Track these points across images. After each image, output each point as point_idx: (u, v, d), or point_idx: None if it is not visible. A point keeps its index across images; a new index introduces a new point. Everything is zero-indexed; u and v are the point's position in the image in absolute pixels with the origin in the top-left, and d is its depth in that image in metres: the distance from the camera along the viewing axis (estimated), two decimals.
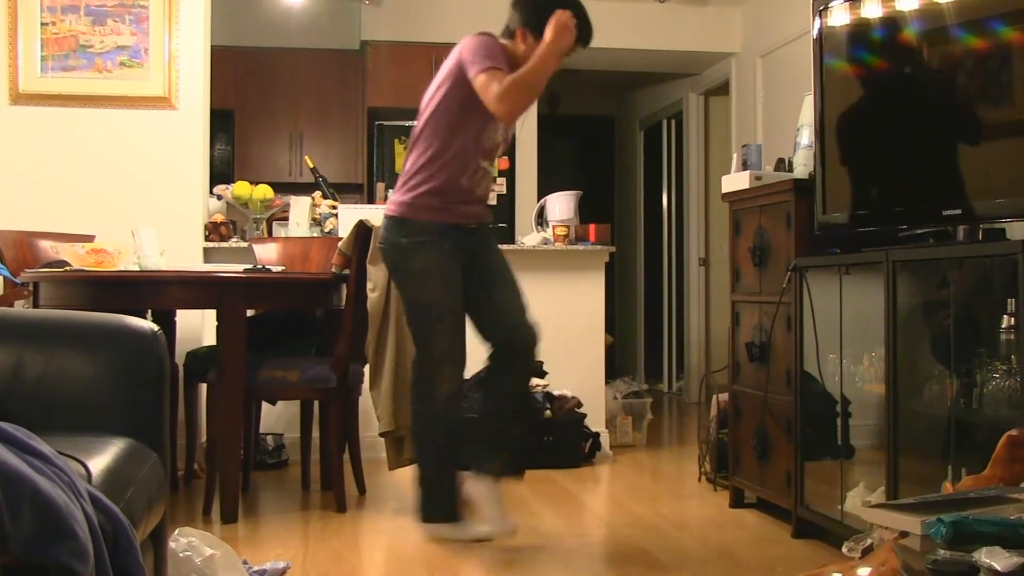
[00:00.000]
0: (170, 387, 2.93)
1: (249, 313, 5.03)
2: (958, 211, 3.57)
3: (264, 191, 6.40)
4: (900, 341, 3.75)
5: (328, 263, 5.30)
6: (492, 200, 4.60)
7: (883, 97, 4.11)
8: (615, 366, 9.91)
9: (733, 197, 5.06)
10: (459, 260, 4.42)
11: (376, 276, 4.86)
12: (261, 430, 5.90)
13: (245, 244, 6.14)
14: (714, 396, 5.60)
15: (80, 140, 6.17)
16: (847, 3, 4.19)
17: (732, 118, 9.08)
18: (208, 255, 6.24)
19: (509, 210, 8.31)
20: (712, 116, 10.11)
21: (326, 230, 6.31)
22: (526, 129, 8.75)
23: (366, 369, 5.04)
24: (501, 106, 4.15)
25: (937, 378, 3.63)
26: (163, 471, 2.73)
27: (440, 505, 4.41)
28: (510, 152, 8.37)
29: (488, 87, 4.14)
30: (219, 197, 6.49)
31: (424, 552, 4.30)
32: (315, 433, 5.53)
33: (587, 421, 6.41)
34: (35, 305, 4.92)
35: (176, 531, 3.30)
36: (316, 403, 5.50)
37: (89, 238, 5.37)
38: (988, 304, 3.42)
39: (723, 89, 9.45)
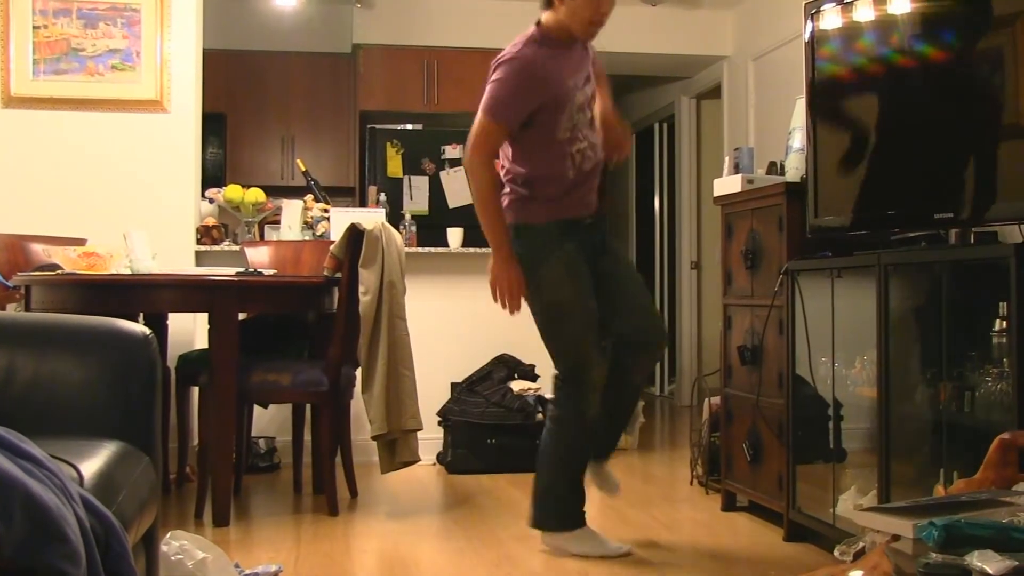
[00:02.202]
0: (162, 390, 2.92)
1: (241, 316, 5.03)
2: (950, 214, 3.58)
3: (256, 194, 6.39)
4: (892, 344, 3.75)
5: (320, 266, 5.29)
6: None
7: (875, 100, 4.11)
8: None
9: (725, 200, 5.06)
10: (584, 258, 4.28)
11: (368, 279, 4.86)
12: (253, 433, 5.89)
13: (237, 247, 6.13)
14: (706, 399, 5.60)
15: (72, 143, 6.17)
16: (839, 6, 4.19)
17: (724, 121, 9.07)
18: (200, 258, 6.24)
19: None
20: (704, 119, 10.11)
21: (318, 233, 6.30)
22: None
23: (358, 373, 5.04)
24: (467, 164, 4.19)
25: (929, 381, 3.63)
26: (155, 474, 2.72)
27: (570, 512, 4.33)
28: None
29: (475, 136, 4.12)
30: (211, 200, 6.48)
31: (415, 555, 4.30)
32: (307, 436, 5.53)
33: None
34: (27, 308, 4.91)
35: (168, 534, 3.30)
36: (308, 406, 5.50)
37: (81, 241, 5.36)
38: (980, 307, 3.43)
39: (715, 92, 9.45)
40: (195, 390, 5.40)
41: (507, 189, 4.26)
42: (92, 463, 2.29)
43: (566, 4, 4.17)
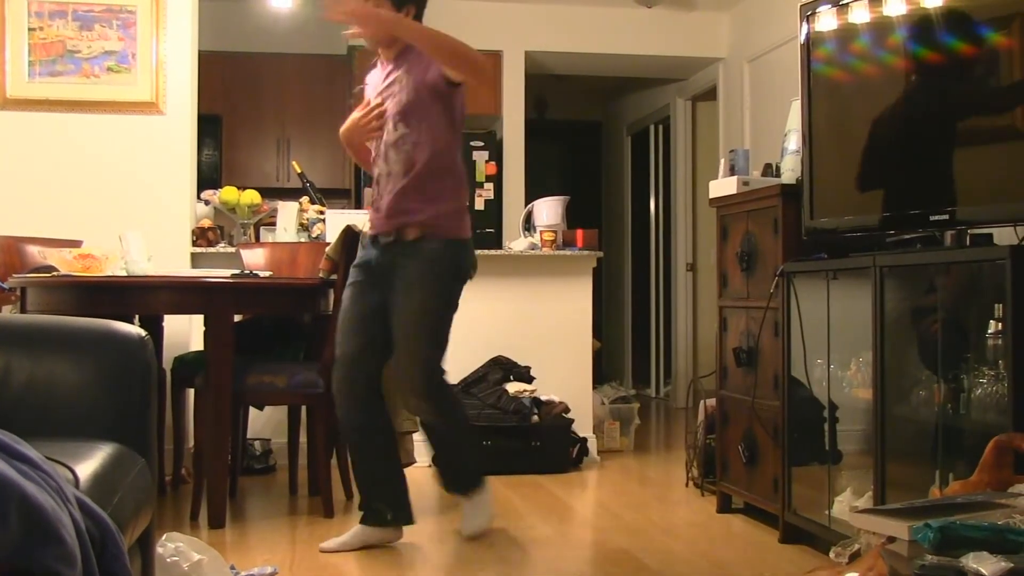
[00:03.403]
0: (157, 392, 2.92)
1: (236, 318, 5.02)
2: (945, 216, 3.58)
3: (251, 196, 6.39)
4: (887, 346, 3.76)
5: (315, 268, 5.29)
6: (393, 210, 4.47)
7: (870, 102, 4.11)
8: (602, 371, 9.92)
9: (720, 202, 5.07)
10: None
11: None
12: (248, 435, 5.89)
13: (232, 249, 6.13)
14: (701, 401, 5.61)
15: (68, 145, 6.16)
16: (834, 8, 4.20)
17: (719, 123, 9.08)
18: (196, 260, 6.23)
19: (496, 215, 8.30)
20: (699, 121, 10.11)
21: (313, 235, 6.30)
22: (514, 134, 8.75)
23: None
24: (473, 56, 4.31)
25: (924, 383, 3.63)
26: (150, 476, 2.72)
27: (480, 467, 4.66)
28: (497, 157, 8.35)
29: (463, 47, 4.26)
30: (207, 202, 6.48)
31: (411, 557, 4.30)
32: (302, 438, 5.53)
33: (574, 426, 6.41)
34: (22, 310, 4.90)
35: (163, 536, 3.30)
36: (304, 408, 5.49)
37: (77, 243, 5.36)
38: (975, 309, 3.43)
39: (710, 94, 9.46)
40: (191, 392, 5.40)
41: (448, 200, 4.37)
42: (88, 465, 2.28)
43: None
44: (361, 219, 5.27)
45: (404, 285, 4.31)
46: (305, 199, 6.56)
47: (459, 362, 6.35)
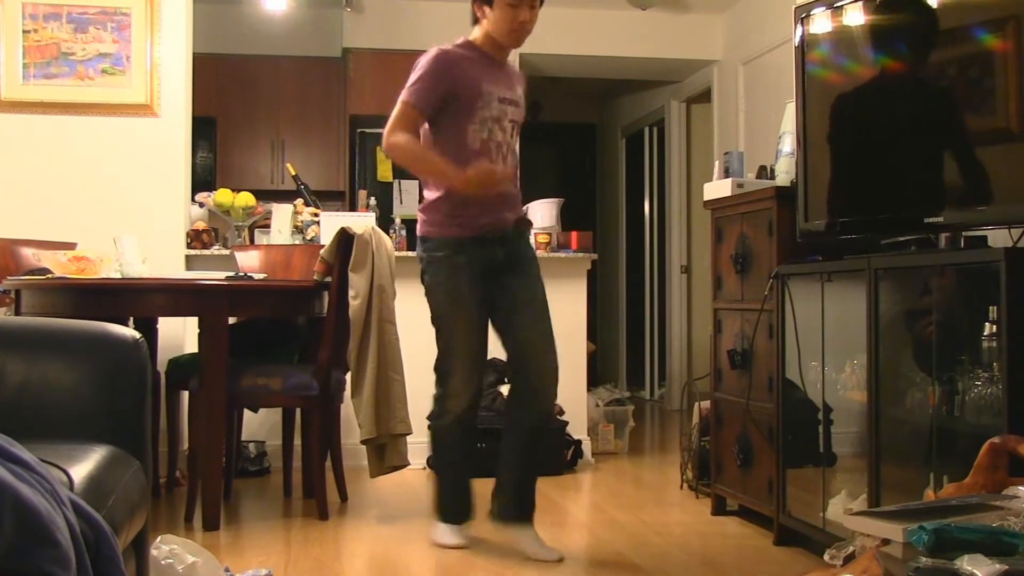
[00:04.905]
0: (152, 395, 2.92)
1: (231, 321, 5.02)
2: (940, 219, 3.59)
3: (246, 198, 6.38)
4: (882, 348, 3.76)
5: (310, 270, 5.28)
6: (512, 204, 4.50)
7: (865, 104, 4.12)
8: (597, 374, 9.93)
9: (715, 205, 5.07)
10: (476, 274, 4.37)
11: (358, 283, 4.86)
12: (243, 437, 5.89)
13: (227, 252, 6.12)
14: (696, 403, 5.61)
15: (62, 148, 6.16)
16: (829, 10, 4.20)
17: (714, 125, 9.09)
18: (190, 262, 6.23)
19: None
20: (694, 124, 10.13)
21: (308, 237, 6.30)
22: None
23: (348, 377, 5.04)
24: (385, 145, 4.36)
25: (919, 386, 3.63)
26: (145, 478, 2.72)
27: (445, 507, 4.53)
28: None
29: (391, 120, 4.33)
30: (201, 204, 6.47)
31: (405, 560, 4.29)
32: (297, 440, 5.53)
33: (569, 429, 6.42)
34: (17, 313, 4.90)
35: (158, 538, 3.30)
36: (298, 411, 5.49)
37: (71, 245, 5.35)
38: (970, 312, 3.43)
39: (705, 96, 9.47)
40: (185, 394, 5.39)
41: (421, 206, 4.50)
42: (82, 467, 2.28)
43: (487, 16, 4.37)
44: (356, 221, 5.27)
45: (529, 262, 4.52)
46: (300, 201, 6.55)
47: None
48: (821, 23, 4.27)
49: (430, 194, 4.44)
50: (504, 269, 4.40)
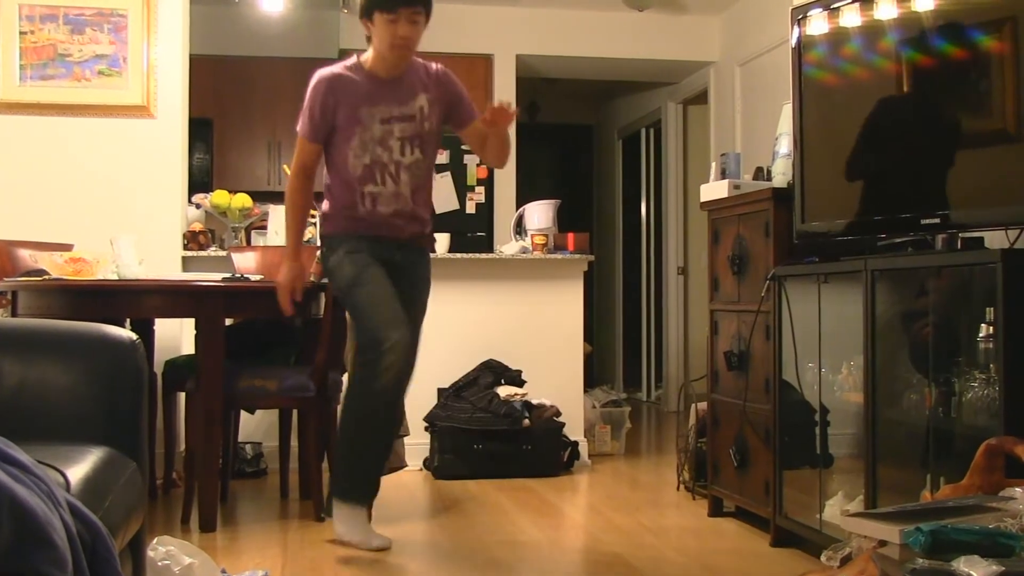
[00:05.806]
0: (148, 396, 2.92)
1: (228, 322, 5.02)
2: (937, 220, 3.59)
3: (243, 200, 6.38)
4: (879, 350, 3.76)
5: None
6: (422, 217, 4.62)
7: (862, 106, 4.12)
8: (594, 375, 9.93)
9: (712, 206, 5.07)
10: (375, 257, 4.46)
11: None
12: (240, 439, 5.88)
13: (224, 253, 6.12)
14: (693, 405, 5.61)
15: (59, 149, 6.15)
16: (825, 12, 4.20)
17: (711, 127, 9.09)
18: (187, 264, 6.22)
19: (487, 219, 8.30)
20: (691, 125, 10.13)
21: (304, 239, 6.28)
22: None
23: (344, 378, 5.03)
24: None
25: (916, 387, 3.64)
26: (141, 480, 2.72)
27: (356, 482, 4.47)
28: None
29: (294, 156, 4.57)
30: (198, 206, 6.47)
31: (402, 562, 4.29)
32: (293, 442, 5.52)
33: (566, 430, 6.41)
34: (13, 314, 4.89)
35: (155, 540, 3.30)
36: (295, 412, 5.49)
37: (68, 247, 5.34)
38: (967, 313, 3.44)
39: (702, 98, 9.47)
40: (182, 396, 5.39)
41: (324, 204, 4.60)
42: (79, 468, 2.28)
43: (372, 32, 4.49)
44: None
45: (422, 282, 4.63)
46: None
47: (450, 366, 6.37)
48: (818, 24, 4.27)
49: (326, 206, 4.57)
50: (397, 274, 4.48)
